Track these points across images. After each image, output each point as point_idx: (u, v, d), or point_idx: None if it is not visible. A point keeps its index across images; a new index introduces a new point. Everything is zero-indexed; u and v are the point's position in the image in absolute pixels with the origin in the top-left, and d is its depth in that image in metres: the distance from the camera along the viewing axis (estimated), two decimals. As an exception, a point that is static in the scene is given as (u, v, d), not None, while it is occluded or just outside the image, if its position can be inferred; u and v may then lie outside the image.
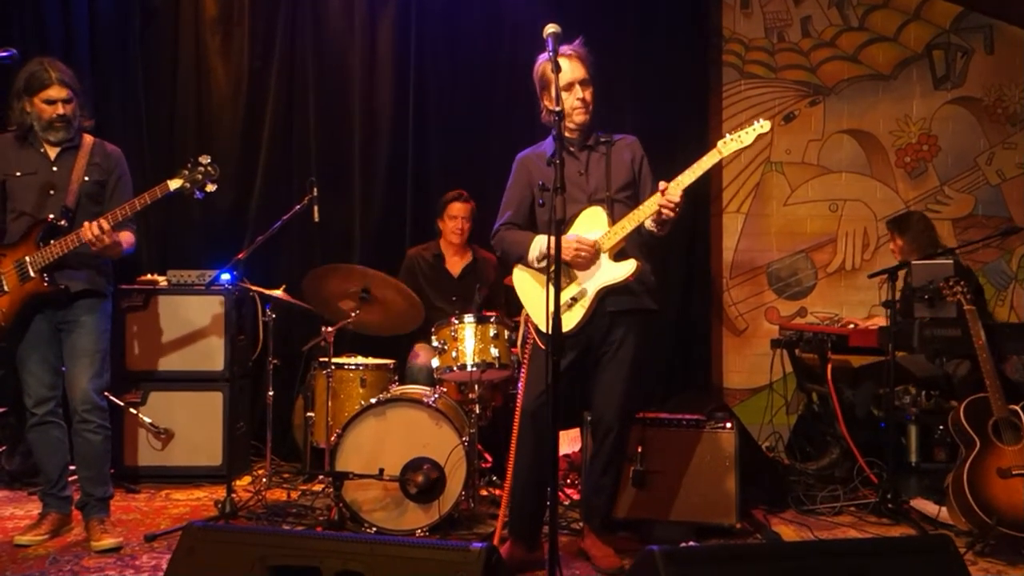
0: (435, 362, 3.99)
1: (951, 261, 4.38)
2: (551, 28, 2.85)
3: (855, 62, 5.79)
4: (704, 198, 5.63)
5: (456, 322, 3.93)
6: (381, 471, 3.65)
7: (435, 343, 4.00)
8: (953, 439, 3.77)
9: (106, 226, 3.38)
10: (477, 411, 3.95)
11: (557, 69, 2.84)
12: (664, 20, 5.58)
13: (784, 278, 5.78)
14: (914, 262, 4.31)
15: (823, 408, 4.88)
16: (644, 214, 3.19)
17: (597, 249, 3.24)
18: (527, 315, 3.39)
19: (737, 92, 5.79)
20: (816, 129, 5.79)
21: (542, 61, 3.34)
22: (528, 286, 3.40)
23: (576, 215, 3.32)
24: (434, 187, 5.16)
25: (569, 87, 3.29)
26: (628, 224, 3.21)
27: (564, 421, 4.20)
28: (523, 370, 3.40)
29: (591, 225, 3.29)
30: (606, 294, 3.25)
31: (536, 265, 3.35)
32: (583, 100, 3.32)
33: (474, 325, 3.92)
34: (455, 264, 4.85)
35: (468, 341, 3.91)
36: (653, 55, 5.55)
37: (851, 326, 4.84)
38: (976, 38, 5.76)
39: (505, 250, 3.49)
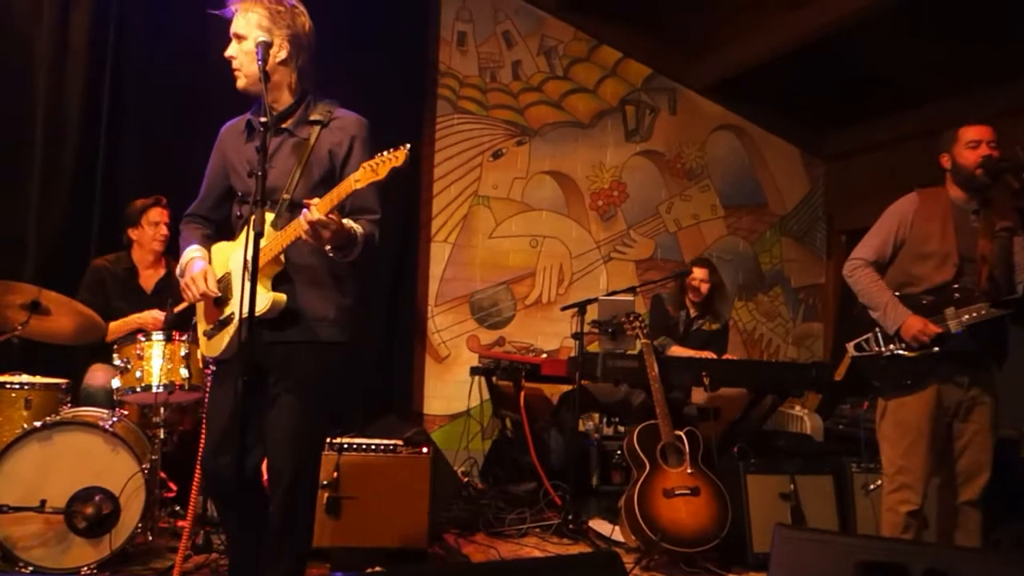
0: (116, 382, 3.67)
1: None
2: None
3: (559, 108, 6.20)
4: (415, 225, 5.72)
5: (143, 339, 3.65)
6: (43, 503, 3.29)
7: (117, 362, 3.67)
8: (628, 463, 4.09)
9: None
10: (162, 436, 3.68)
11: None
12: (388, 46, 5.62)
13: (486, 308, 6.00)
14: (600, 297, 4.67)
15: (516, 434, 5.10)
16: (287, 238, 2.60)
17: (227, 282, 2.76)
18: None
19: (450, 125, 5.97)
20: (522, 167, 6.11)
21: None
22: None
23: (246, 222, 2.71)
24: (127, 194, 4.74)
25: (235, 39, 2.72)
26: (272, 246, 2.62)
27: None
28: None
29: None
30: (256, 323, 2.48)
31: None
32: (235, 58, 2.71)
33: (163, 343, 3.66)
34: (148, 278, 4.47)
35: (155, 360, 3.63)
36: (371, 79, 5.52)
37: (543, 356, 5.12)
38: (662, 99, 6.40)
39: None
